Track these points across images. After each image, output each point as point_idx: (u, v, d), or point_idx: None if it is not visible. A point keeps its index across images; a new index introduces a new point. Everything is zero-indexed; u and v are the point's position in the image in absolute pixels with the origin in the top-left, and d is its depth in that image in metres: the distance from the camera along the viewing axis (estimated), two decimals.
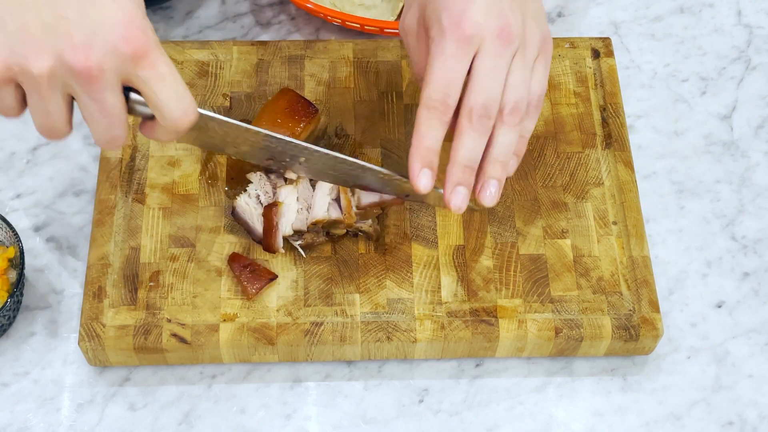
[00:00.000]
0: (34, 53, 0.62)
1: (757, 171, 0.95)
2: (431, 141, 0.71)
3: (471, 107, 0.70)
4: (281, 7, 1.04)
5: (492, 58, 0.70)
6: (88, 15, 0.62)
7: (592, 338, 0.81)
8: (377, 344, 0.81)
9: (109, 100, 0.65)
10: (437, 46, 0.71)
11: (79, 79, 0.63)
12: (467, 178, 0.72)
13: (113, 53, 0.63)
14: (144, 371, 0.82)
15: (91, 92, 0.64)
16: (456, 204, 0.72)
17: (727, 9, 1.06)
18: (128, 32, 0.63)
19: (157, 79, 0.65)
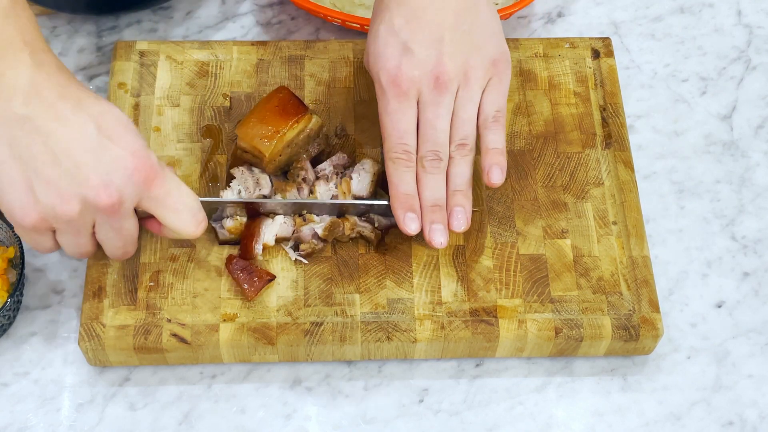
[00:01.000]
0: (63, 201, 0.71)
1: (757, 171, 0.95)
2: (406, 187, 0.80)
3: (422, 156, 0.79)
4: (281, 7, 1.04)
5: (432, 108, 0.79)
6: (100, 157, 0.71)
7: (592, 338, 0.81)
8: (377, 344, 0.81)
9: (126, 225, 0.75)
10: (382, 103, 0.80)
11: (102, 213, 0.72)
12: (438, 216, 0.80)
13: (128, 185, 0.72)
14: (144, 371, 0.82)
15: (112, 221, 0.74)
16: (437, 240, 0.80)
17: (727, 9, 1.06)
18: (137, 163, 0.72)
19: (166, 195, 0.74)
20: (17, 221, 0.72)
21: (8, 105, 0.70)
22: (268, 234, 0.83)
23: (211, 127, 0.90)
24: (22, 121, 0.70)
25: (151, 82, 0.92)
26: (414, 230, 0.80)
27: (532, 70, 0.95)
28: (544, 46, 0.97)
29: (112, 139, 0.71)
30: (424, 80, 0.78)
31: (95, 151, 0.71)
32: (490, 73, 0.80)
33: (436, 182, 0.80)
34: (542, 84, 0.95)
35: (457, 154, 0.80)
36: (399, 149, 0.79)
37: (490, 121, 0.81)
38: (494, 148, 0.81)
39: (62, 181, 0.70)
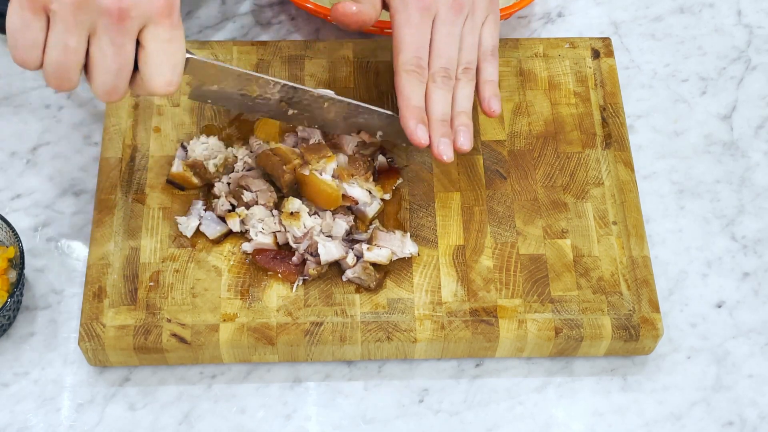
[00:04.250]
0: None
1: (757, 171, 0.95)
2: (417, 100, 0.81)
3: (434, 72, 0.81)
4: (281, 7, 1.04)
5: (447, 26, 0.82)
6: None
7: (592, 338, 0.81)
8: (377, 344, 0.81)
9: (126, 46, 0.69)
10: (401, 15, 0.81)
11: (106, 18, 0.67)
12: (446, 130, 0.81)
13: (142, 3, 0.68)
14: (144, 371, 0.82)
15: (113, 34, 0.68)
16: (447, 153, 0.81)
17: (727, 9, 1.06)
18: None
19: (165, 41, 0.70)
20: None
21: None
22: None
23: (211, 127, 0.90)
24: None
25: None
26: (425, 141, 0.80)
27: (532, 70, 0.95)
28: (544, 46, 0.97)
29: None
30: None
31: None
32: (488, 9, 0.85)
33: (446, 98, 0.82)
34: (542, 84, 0.95)
35: (463, 76, 0.83)
36: (414, 62, 0.81)
37: (489, 54, 0.84)
38: (492, 79, 0.84)
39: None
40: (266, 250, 0.83)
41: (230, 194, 0.85)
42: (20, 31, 0.69)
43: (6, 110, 0.95)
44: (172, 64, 0.72)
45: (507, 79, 0.95)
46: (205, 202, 0.86)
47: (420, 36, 0.81)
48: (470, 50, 0.83)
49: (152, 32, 0.70)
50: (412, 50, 0.81)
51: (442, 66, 0.82)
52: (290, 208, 0.83)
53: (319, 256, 0.82)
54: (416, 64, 0.81)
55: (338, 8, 0.82)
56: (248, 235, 0.84)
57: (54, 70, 0.70)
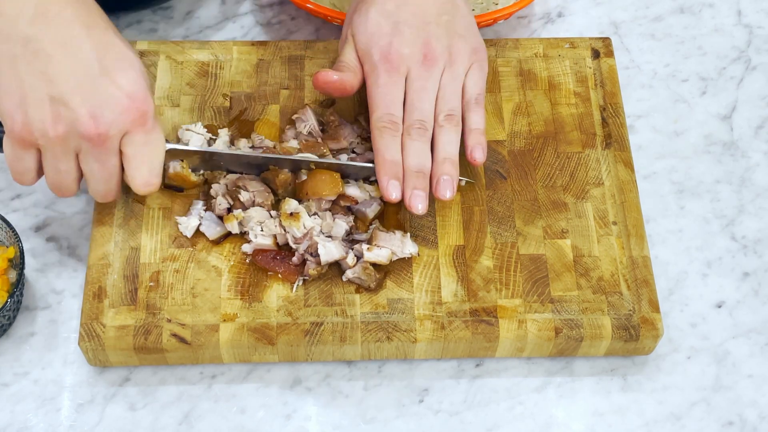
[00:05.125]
0: (51, 121, 0.74)
1: (757, 171, 0.95)
2: (390, 154, 0.82)
3: (409, 125, 0.83)
4: (281, 7, 1.04)
5: (420, 81, 0.83)
6: (96, 89, 0.74)
7: (592, 338, 0.81)
8: (377, 344, 0.81)
9: (110, 160, 0.77)
10: (371, 78, 0.84)
11: (88, 143, 0.75)
12: (421, 182, 0.82)
13: (117, 121, 0.75)
14: (144, 371, 0.82)
15: (97, 154, 0.76)
16: (416, 205, 0.81)
17: (727, 9, 1.06)
18: (130, 104, 0.75)
19: (140, 145, 0.77)
20: (7, 127, 0.75)
21: (15, 23, 0.73)
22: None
23: (211, 127, 0.90)
24: (26, 40, 0.73)
25: (151, 82, 0.92)
26: (396, 196, 0.82)
27: (532, 70, 0.95)
28: (544, 46, 0.97)
29: (112, 74, 0.75)
30: (414, 57, 0.83)
31: (92, 82, 0.74)
32: (472, 59, 0.85)
33: (420, 150, 0.82)
34: (542, 84, 0.95)
35: (446, 123, 0.83)
36: (386, 119, 0.82)
37: (473, 102, 0.85)
38: (477, 128, 0.85)
39: (54, 104, 0.73)
40: (266, 251, 0.83)
41: (227, 194, 0.85)
42: (14, 161, 0.77)
43: None
44: (149, 166, 0.79)
45: (507, 79, 0.95)
46: (205, 203, 0.86)
47: (391, 94, 0.83)
48: (451, 98, 0.84)
49: (129, 139, 0.77)
50: (382, 108, 0.83)
51: (417, 118, 0.82)
52: (288, 209, 0.83)
53: (319, 256, 0.82)
54: (388, 120, 0.82)
55: (319, 77, 0.84)
56: (248, 237, 0.84)
57: (53, 185, 0.79)
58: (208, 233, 0.84)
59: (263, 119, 0.91)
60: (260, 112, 0.92)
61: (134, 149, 0.77)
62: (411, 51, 0.83)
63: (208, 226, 0.84)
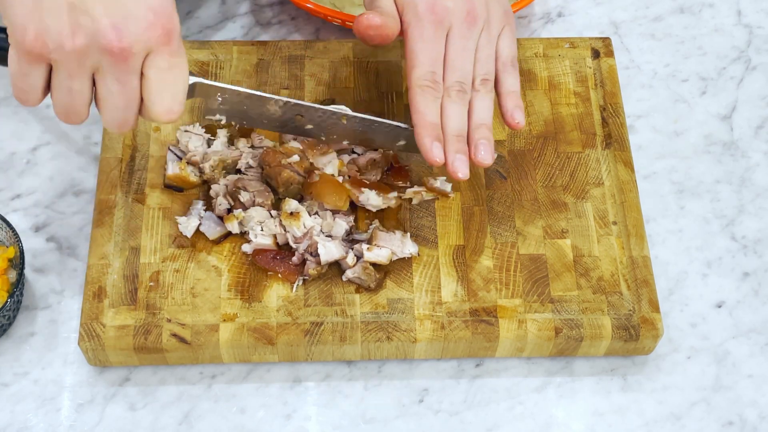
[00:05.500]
0: (70, 31, 0.66)
1: (757, 171, 0.95)
2: (432, 116, 0.79)
3: (449, 86, 0.80)
4: (281, 7, 1.04)
5: (461, 40, 0.80)
6: (121, 0, 0.67)
7: (592, 338, 0.81)
8: (377, 344, 0.81)
9: (132, 82, 0.70)
10: (415, 30, 0.79)
11: (109, 58, 0.67)
12: (462, 146, 0.80)
13: (142, 37, 0.67)
14: (144, 371, 0.82)
15: (118, 72, 0.68)
16: (462, 170, 0.79)
17: (727, 9, 1.06)
18: (158, 18, 0.68)
19: (164, 69, 0.70)
20: (16, 37, 0.67)
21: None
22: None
23: (211, 127, 0.90)
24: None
25: None
26: (440, 159, 0.79)
27: (532, 70, 0.95)
28: (544, 46, 0.97)
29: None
30: (457, 12, 0.80)
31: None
32: (504, 21, 0.83)
33: (461, 112, 0.80)
34: (542, 84, 0.95)
35: (482, 87, 0.81)
36: (429, 77, 0.79)
37: (509, 65, 0.82)
38: (514, 90, 0.82)
39: (73, 12, 0.66)
40: (266, 251, 0.83)
41: (228, 195, 0.85)
42: (18, 76, 0.69)
43: (6, 110, 0.95)
44: (172, 92, 0.71)
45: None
46: (205, 203, 0.86)
47: (434, 51, 0.79)
48: (487, 62, 0.81)
49: (152, 61, 0.69)
50: (426, 65, 0.79)
51: (457, 80, 0.80)
52: (288, 208, 0.83)
53: (319, 256, 0.82)
54: (431, 79, 0.79)
55: (362, 21, 0.79)
56: (248, 237, 0.84)
57: (62, 109, 0.71)
58: (208, 233, 0.84)
59: None
60: None
61: (157, 73, 0.70)
62: (455, 5, 0.79)
63: (208, 226, 0.84)
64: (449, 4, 0.79)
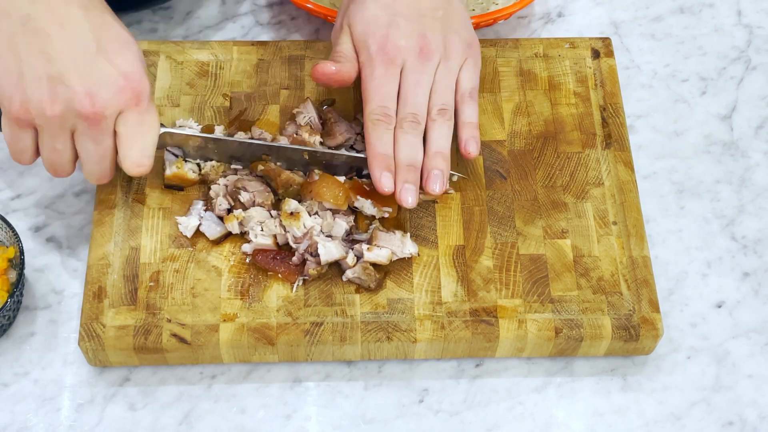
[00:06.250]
0: (49, 100, 0.74)
1: (757, 171, 0.95)
2: (383, 148, 0.82)
3: (402, 117, 0.83)
4: (281, 7, 1.04)
5: (414, 74, 0.83)
6: (92, 68, 0.75)
7: (592, 338, 0.81)
8: (377, 344, 0.81)
9: (106, 141, 0.78)
10: (367, 69, 0.83)
11: (84, 122, 0.76)
12: (412, 176, 0.82)
13: (113, 100, 0.76)
14: (144, 371, 0.82)
15: (92, 133, 0.77)
16: (406, 198, 0.81)
17: (727, 9, 1.06)
18: (128, 82, 0.76)
19: (134, 125, 0.78)
20: (4, 107, 0.75)
21: (14, 2, 0.74)
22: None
23: (211, 127, 0.90)
24: (24, 19, 0.74)
25: (151, 82, 0.92)
26: (389, 188, 0.81)
27: (532, 70, 0.96)
28: (544, 46, 0.97)
29: (109, 54, 0.75)
30: (410, 49, 0.83)
31: (89, 61, 0.75)
32: (466, 53, 0.85)
33: (413, 143, 0.82)
34: (542, 84, 0.95)
35: (438, 117, 0.83)
36: (380, 111, 0.82)
37: (467, 96, 0.85)
38: (470, 121, 0.85)
39: (51, 82, 0.74)
40: (266, 251, 0.83)
41: (228, 195, 0.85)
42: (12, 140, 0.78)
43: None
44: (141, 147, 0.79)
45: (507, 79, 0.95)
46: (205, 203, 0.86)
47: (385, 87, 0.83)
48: (445, 92, 0.84)
49: (123, 119, 0.77)
50: (377, 100, 0.82)
51: (410, 111, 0.82)
52: (288, 208, 0.83)
53: (319, 256, 0.82)
54: (381, 113, 0.82)
55: (318, 69, 0.83)
56: (248, 237, 0.84)
57: (49, 165, 0.79)
58: (208, 233, 0.84)
59: (263, 119, 0.91)
60: (260, 112, 0.92)
61: (128, 129, 0.77)
62: (407, 43, 0.83)
63: (208, 226, 0.84)
64: (401, 42, 0.83)
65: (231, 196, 0.85)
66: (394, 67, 0.83)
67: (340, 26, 0.87)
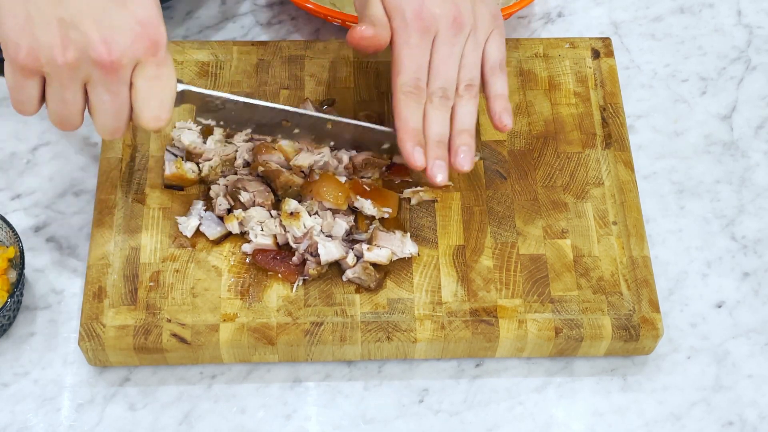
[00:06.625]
0: (61, 46, 0.68)
1: (757, 171, 0.95)
2: (414, 122, 0.80)
3: (432, 92, 0.80)
4: (281, 7, 1.04)
5: (446, 47, 0.80)
6: (108, 13, 0.69)
7: (592, 338, 0.81)
8: (377, 344, 0.81)
9: (122, 92, 0.72)
10: (402, 36, 0.80)
11: (100, 71, 0.70)
12: (441, 152, 0.80)
13: (130, 48, 0.70)
14: (144, 371, 0.82)
15: (108, 83, 0.71)
16: (440, 176, 0.80)
17: (727, 9, 1.06)
18: (145, 30, 0.70)
19: (151, 78, 0.72)
20: (9, 53, 0.69)
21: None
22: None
23: (211, 129, 0.90)
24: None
25: None
26: (421, 163, 0.79)
27: (532, 70, 0.96)
28: (544, 46, 0.97)
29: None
30: (444, 19, 0.80)
31: (103, 5, 0.69)
32: (492, 25, 0.83)
33: (443, 118, 0.81)
34: (542, 84, 0.95)
35: (465, 93, 0.81)
36: (413, 83, 0.80)
37: (497, 68, 0.83)
38: (501, 93, 0.83)
39: (63, 26, 0.68)
40: (266, 251, 0.83)
41: (228, 195, 0.85)
42: (15, 89, 0.72)
43: (6, 110, 0.95)
44: (159, 100, 0.73)
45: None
46: (205, 202, 0.86)
47: (419, 57, 0.80)
48: (472, 67, 0.81)
49: (140, 71, 0.72)
50: (410, 72, 0.80)
51: (440, 86, 0.80)
52: (288, 208, 0.83)
53: (319, 256, 0.82)
54: (414, 85, 0.80)
55: (355, 33, 0.80)
56: (248, 237, 0.84)
57: (56, 117, 0.73)
58: (208, 233, 0.84)
59: None
60: None
61: (144, 82, 0.72)
62: (442, 12, 0.79)
63: (208, 226, 0.84)
64: (436, 10, 0.79)
65: (231, 196, 0.85)
66: (429, 36, 0.80)
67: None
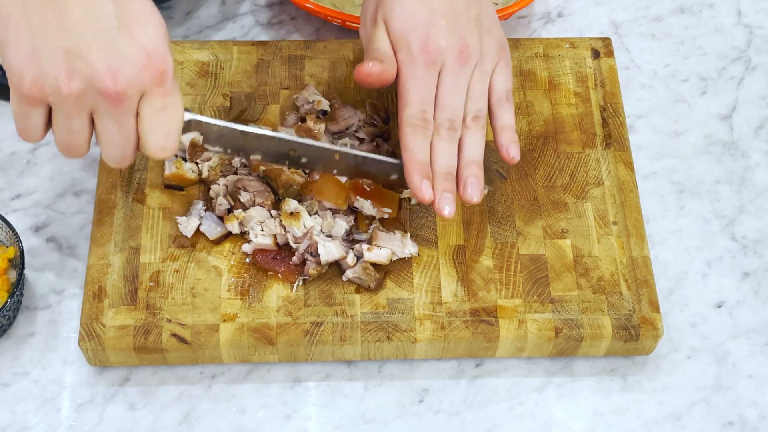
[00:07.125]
0: (66, 76, 0.67)
1: (757, 171, 0.95)
2: (421, 154, 0.79)
3: (439, 123, 0.79)
4: (281, 7, 1.04)
5: (453, 78, 0.79)
6: (113, 44, 0.68)
7: (592, 338, 0.81)
8: (377, 344, 0.81)
9: (128, 122, 0.71)
10: (408, 68, 0.79)
11: (106, 101, 0.69)
12: (449, 185, 0.79)
13: (136, 79, 0.69)
14: (144, 371, 0.82)
15: (114, 113, 0.70)
16: (447, 209, 0.78)
17: (727, 9, 1.06)
18: (152, 61, 0.69)
19: (158, 108, 0.71)
20: (14, 83, 0.69)
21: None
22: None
23: None
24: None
25: None
26: (429, 197, 0.78)
27: (532, 70, 0.96)
28: (544, 46, 0.97)
29: (131, 28, 0.69)
30: (450, 51, 0.79)
31: (110, 35, 0.68)
32: (498, 55, 0.82)
33: (450, 151, 0.80)
34: (542, 84, 0.95)
35: (473, 124, 0.80)
36: (419, 116, 0.79)
37: (504, 99, 0.82)
38: (509, 125, 0.82)
39: (69, 56, 0.67)
40: (266, 251, 0.83)
41: (228, 195, 0.85)
42: (20, 117, 0.71)
43: (6, 110, 0.95)
44: (166, 130, 0.73)
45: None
46: (205, 203, 0.86)
47: (425, 89, 0.79)
48: (479, 99, 0.81)
49: (146, 101, 0.71)
50: (417, 104, 0.79)
51: (447, 118, 0.79)
52: (288, 208, 0.83)
53: (319, 256, 0.82)
54: (421, 117, 0.79)
55: (362, 70, 0.79)
56: (248, 237, 0.84)
57: (62, 146, 0.73)
58: (208, 233, 0.84)
59: (263, 119, 0.91)
60: (260, 112, 0.92)
61: (151, 113, 0.71)
62: (448, 44, 0.79)
63: (208, 226, 0.84)
64: (442, 42, 0.79)
65: (231, 196, 0.85)
66: (434, 68, 0.79)
67: (373, 21, 0.82)
